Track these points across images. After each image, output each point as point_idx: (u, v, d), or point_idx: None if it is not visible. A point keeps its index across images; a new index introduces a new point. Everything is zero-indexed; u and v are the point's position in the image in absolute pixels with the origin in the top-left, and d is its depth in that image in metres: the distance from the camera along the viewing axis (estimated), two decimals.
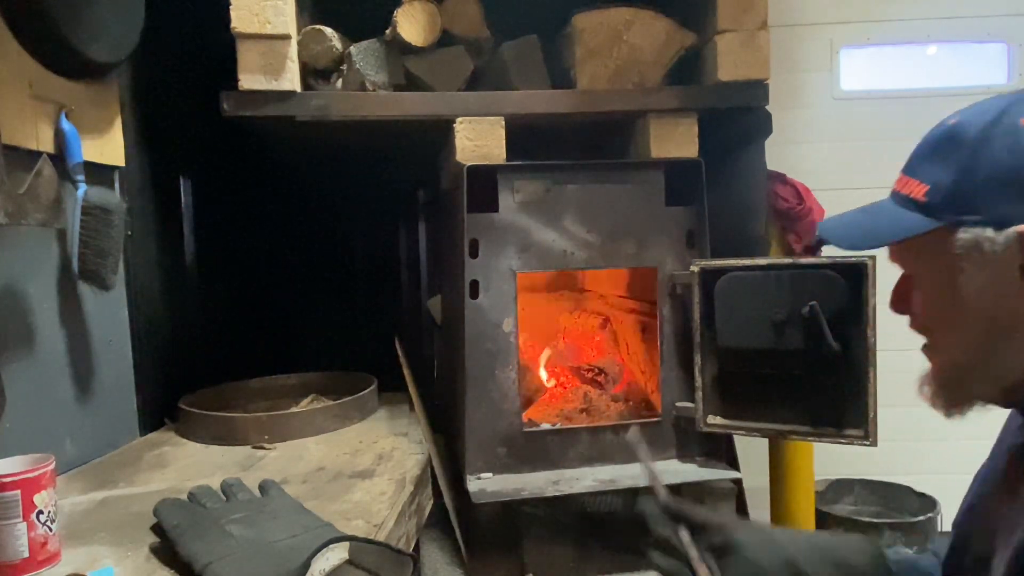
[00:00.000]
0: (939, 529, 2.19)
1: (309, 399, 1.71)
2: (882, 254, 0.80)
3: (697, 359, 1.45)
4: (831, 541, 0.89)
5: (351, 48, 1.54)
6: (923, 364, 0.77)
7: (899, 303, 0.80)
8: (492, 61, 1.64)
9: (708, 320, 1.44)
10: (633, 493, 1.38)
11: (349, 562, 0.87)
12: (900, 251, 0.77)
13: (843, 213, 0.83)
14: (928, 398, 0.77)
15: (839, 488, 2.46)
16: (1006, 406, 0.76)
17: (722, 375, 1.45)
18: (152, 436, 1.51)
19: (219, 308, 1.96)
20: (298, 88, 1.48)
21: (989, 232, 0.67)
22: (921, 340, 0.78)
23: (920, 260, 0.75)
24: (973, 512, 0.79)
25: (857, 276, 1.31)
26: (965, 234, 0.69)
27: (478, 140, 1.52)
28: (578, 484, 1.40)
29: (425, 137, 1.73)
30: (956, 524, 0.82)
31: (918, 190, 0.73)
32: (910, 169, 0.75)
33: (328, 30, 1.53)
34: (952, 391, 0.76)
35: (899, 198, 0.75)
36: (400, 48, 1.54)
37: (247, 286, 2.14)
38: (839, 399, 1.36)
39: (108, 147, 1.39)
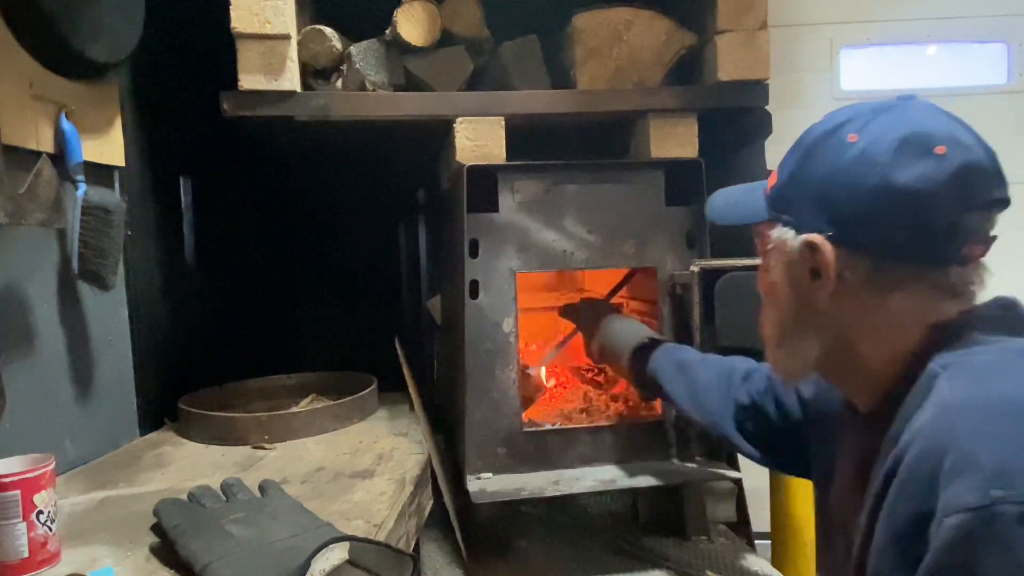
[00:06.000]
0: None
1: (309, 399, 1.71)
2: None
3: None
4: None
5: (351, 48, 1.54)
6: None
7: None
8: (492, 61, 1.64)
9: (708, 320, 1.43)
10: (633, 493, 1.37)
11: (349, 562, 0.87)
12: (756, 232, 0.82)
13: (736, 187, 0.91)
14: (772, 366, 0.85)
15: None
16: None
17: None
18: (152, 436, 1.51)
19: (219, 308, 1.96)
20: (298, 88, 1.48)
21: (790, 233, 0.73)
22: None
23: (760, 244, 0.81)
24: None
25: None
26: (776, 231, 0.75)
27: (478, 140, 1.52)
28: (578, 484, 1.40)
29: (425, 137, 1.73)
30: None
31: (772, 181, 0.78)
32: (782, 160, 0.79)
33: (328, 30, 1.53)
34: (779, 360, 0.82)
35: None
36: (400, 48, 1.54)
37: (247, 286, 2.13)
38: None
39: (108, 147, 1.39)
